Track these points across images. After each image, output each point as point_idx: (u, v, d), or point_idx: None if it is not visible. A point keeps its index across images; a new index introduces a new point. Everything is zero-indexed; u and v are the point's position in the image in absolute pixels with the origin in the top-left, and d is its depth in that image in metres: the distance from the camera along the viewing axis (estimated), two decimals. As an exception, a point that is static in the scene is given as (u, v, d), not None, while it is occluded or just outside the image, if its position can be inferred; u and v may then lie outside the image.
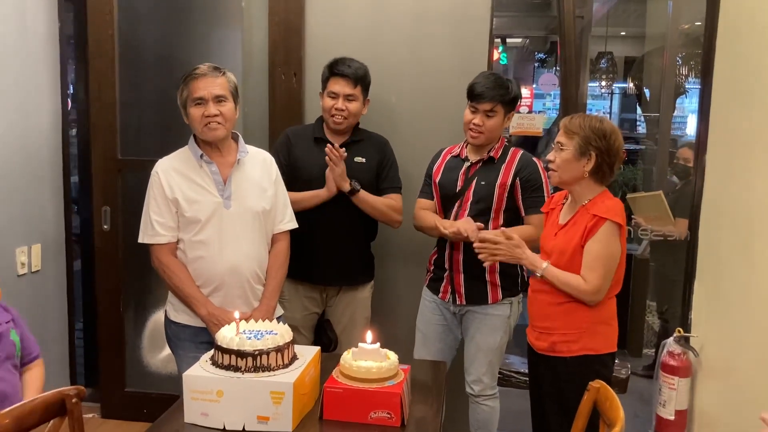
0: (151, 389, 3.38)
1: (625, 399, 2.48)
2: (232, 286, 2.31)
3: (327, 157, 2.59)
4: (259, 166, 2.42)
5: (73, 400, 1.64)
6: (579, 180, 2.25)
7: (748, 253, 2.53)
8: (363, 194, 2.70)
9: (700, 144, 3.10)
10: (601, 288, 2.20)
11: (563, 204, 2.37)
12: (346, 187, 2.66)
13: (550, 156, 2.30)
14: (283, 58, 3.09)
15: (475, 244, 2.36)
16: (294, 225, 2.50)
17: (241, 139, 2.41)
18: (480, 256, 2.36)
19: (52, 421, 1.65)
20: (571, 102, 4.08)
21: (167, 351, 2.55)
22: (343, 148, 2.62)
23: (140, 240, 2.34)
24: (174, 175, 2.30)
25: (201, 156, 2.31)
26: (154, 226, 2.29)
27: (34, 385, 2.13)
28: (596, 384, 1.82)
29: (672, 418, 2.98)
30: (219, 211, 2.29)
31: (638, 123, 9.78)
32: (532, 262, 2.30)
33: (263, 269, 2.40)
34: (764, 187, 2.43)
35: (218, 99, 2.26)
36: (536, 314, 2.35)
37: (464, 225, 2.54)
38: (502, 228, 2.39)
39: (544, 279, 2.26)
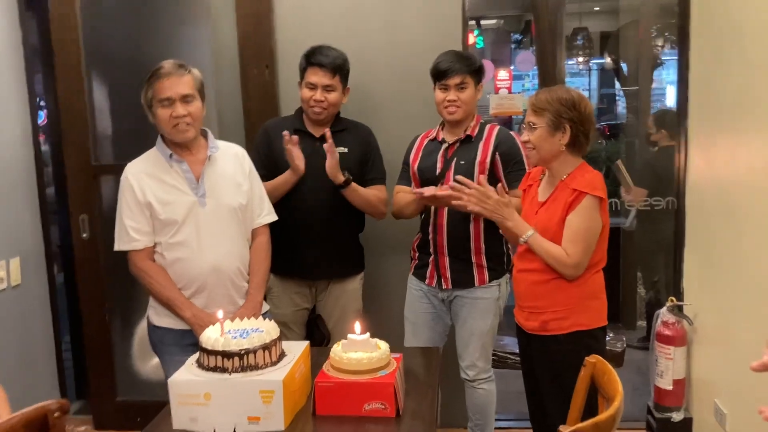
0: (143, 397, 3.33)
1: (622, 372, 2.46)
2: (215, 286, 2.26)
3: (326, 145, 2.53)
4: (231, 160, 2.36)
5: (56, 415, 1.57)
6: (557, 155, 2.21)
7: (735, 219, 2.51)
8: (354, 186, 2.64)
9: (681, 113, 3.09)
10: (581, 262, 2.17)
11: (541, 180, 2.34)
12: (341, 178, 2.60)
13: (523, 137, 2.26)
14: (253, 51, 3.03)
15: (467, 191, 2.27)
16: (273, 218, 2.45)
17: (210, 135, 2.35)
18: (468, 202, 2.27)
19: (35, 438, 1.59)
20: (549, 79, 4.06)
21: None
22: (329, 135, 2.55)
23: (116, 247, 2.29)
24: (145, 178, 2.24)
25: (170, 156, 2.25)
26: (129, 232, 2.23)
27: None
28: (592, 359, 1.79)
29: (670, 387, 2.98)
30: (195, 210, 2.23)
31: (618, 97, 9.76)
32: (518, 225, 2.25)
33: (246, 266, 2.35)
34: (748, 152, 2.41)
35: (185, 99, 2.20)
36: (523, 294, 2.32)
37: (431, 189, 2.49)
38: (499, 185, 2.34)
39: (528, 245, 2.22)
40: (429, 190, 2.50)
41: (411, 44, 3.00)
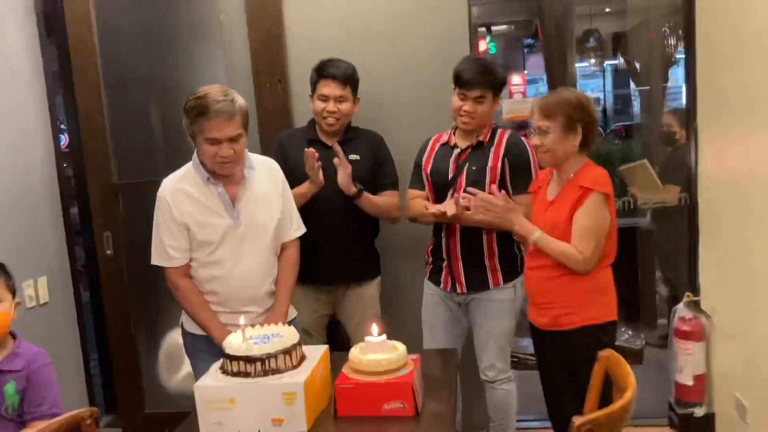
0: (171, 408, 3.38)
1: (642, 369, 2.48)
2: (247, 305, 2.31)
3: (336, 160, 2.60)
4: (265, 178, 2.37)
5: (88, 422, 1.65)
6: (570, 156, 2.26)
7: (748, 213, 2.53)
8: (366, 195, 2.70)
9: (690, 111, 3.10)
10: (592, 258, 2.21)
11: (549, 181, 2.38)
12: (353, 189, 2.65)
13: (534, 141, 2.30)
14: (266, 66, 3.10)
15: (473, 201, 2.36)
16: (302, 231, 2.48)
17: (246, 152, 2.33)
18: (473, 212, 2.38)
19: (68, 445, 1.66)
20: (559, 82, 4.09)
21: (185, 369, 2.53)
22: (338, 149, 2.62)
23: (154, 262, 2.32)
24: (182, 199, 2.27)
25: (207, 179, 2.27)
26: (168, 251, 2.28)
27: None
28: (605, 353, 1.82)
29: (691, 383, 2.98)
30: (230, 232, 2.27)
31: (632, 98, 9.73)
32: (525, 228, 2.30)
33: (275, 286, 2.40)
34: (756, 147, 2.43)
35: (232, 139, 2.18)
36: (534, 290, 2.36)
37: (446, 204, 2.54)
38: (502, 190, 2.38)
39: (537, 246, 2.26)
40: (443, 207, 2.53)
41: (419, 53, 3.06)
